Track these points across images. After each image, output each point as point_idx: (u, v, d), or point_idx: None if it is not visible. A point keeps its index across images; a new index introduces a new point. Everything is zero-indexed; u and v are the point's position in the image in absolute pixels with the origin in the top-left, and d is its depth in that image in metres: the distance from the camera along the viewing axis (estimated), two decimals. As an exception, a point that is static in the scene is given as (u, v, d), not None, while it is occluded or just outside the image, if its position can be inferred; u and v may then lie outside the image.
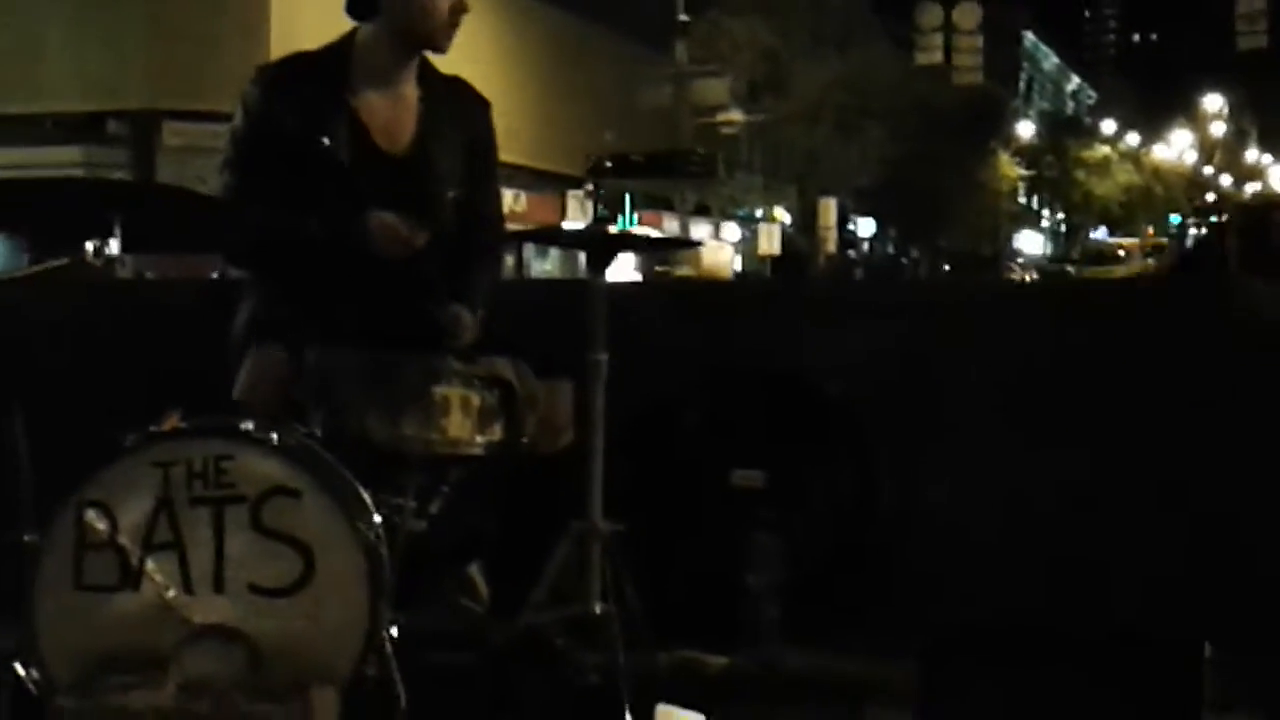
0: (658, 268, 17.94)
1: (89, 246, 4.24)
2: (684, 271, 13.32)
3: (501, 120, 5.06)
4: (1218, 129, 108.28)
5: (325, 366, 4.33)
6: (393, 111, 4.74)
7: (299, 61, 4.86)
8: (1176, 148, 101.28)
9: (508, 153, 5.27)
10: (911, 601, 5.08)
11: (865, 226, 59.40)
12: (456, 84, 4.89)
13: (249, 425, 4.15)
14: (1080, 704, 3.70)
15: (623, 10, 37.88)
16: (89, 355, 5.09)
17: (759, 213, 47.43)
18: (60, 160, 27.12)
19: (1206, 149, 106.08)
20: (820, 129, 45.99)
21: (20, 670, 4.08)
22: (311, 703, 3.82)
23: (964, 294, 7.34)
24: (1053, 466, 5.31)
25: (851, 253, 55.59)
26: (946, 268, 55.13)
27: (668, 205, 37.78)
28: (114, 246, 4.23)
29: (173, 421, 4.16)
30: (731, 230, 44.41)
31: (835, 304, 6.61)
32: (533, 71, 35.56)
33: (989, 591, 5.12)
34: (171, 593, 4.00)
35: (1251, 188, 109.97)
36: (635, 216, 35.62)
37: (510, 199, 31.23)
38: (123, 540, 4.02)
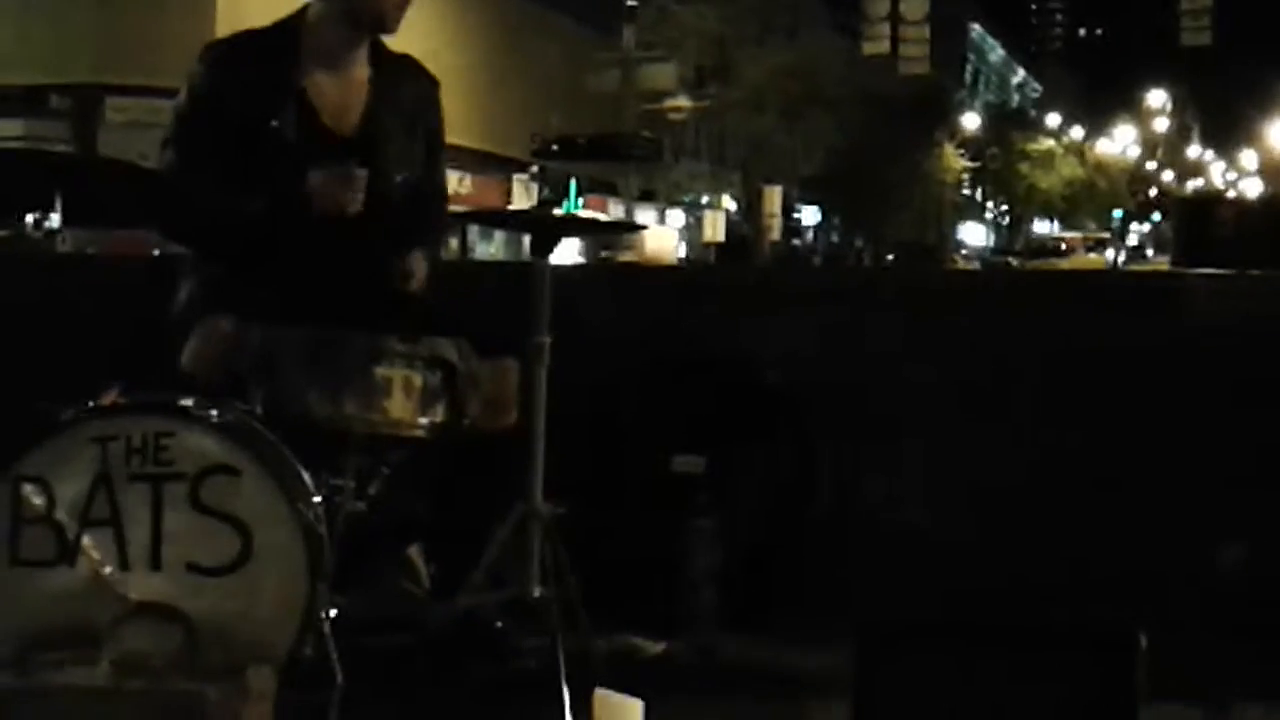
0: (603, 253, 17.88)
1: (27, 220, 4.21)
2: (628, 257, 13.28)
3: (448, 102, 5.05)
4: (1161, 125, 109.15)
5: (268, 342, 4.32)
6: (342, 92, 4.73)
7: (246, 39, 4.84)
8: (1120, 142, 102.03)
9: (453, 135, 5.26)
10: (849, 589, 5.09)
11: (810, 215, 59.52)
12: (406, 62, 4.89)
13: (189, 402, 4.14)
14: (1016, 694, 3.71)
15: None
16: (28, 330, 5.06)
17: (704, 199, 47.49)
18: (1, 133, 27.04)
19: (1149, 144, 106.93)
20: (766, 117, 46.03)
21: (-46, 646, 4.09)
22: (248, 682, 3.80)
23: (903, 284, 7.34)
24: (994, 457, 5.34)
25: (796, 241, 55.63)
26: (890, 257, 55.23)
27: (613, 190, 37.77)
28: (55, 220, 4.20)
29: (112, 397, 4.14)
30: (677, 217, 44.47)
31: (778, 291, 6.62)
32: (479, 53, 35.51)
33: (928, 581, 5.14)
34: (108, 569, 3.98)
35: (1194, 183, 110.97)
36: (580, 201, 35.62)
37: (455, 181, 31.15)
38: (59, 516, 4.01)
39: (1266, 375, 5.29)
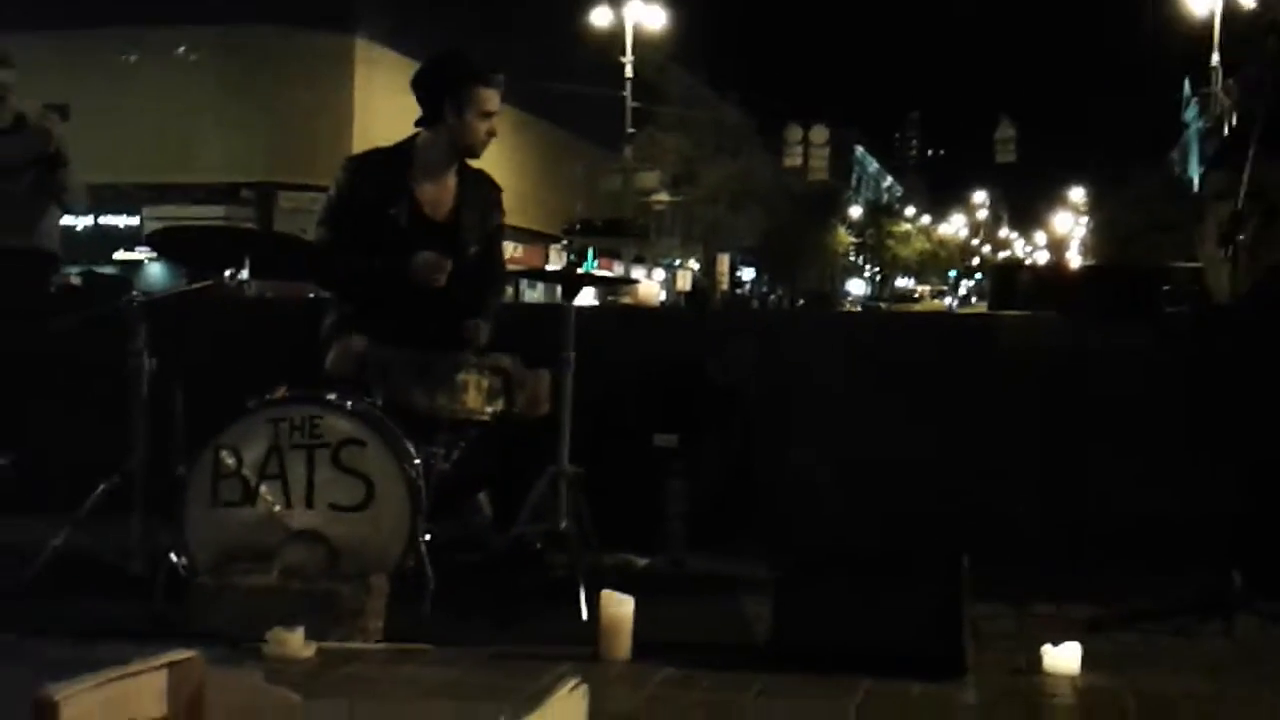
0: (609, 297, 17.94)
1: (226, 274, 4.24)
2: (626, 300, 13.35)
3: (507, 197, 5.07)
4: (982, 214, 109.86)
5: (385, 358, 4.37)
6: (438, 193, 4.76)
7: (375, 154, 4.85)
8: (954, 225, 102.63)
9: (511, 218, 5.28)
10: (774, 527, 5.07)
11: (748, 273, 59.54)
12: (480, 175, 4.90)
13: (332, 395, 4.18)
14: (885, 597, 3.70)
15: (590, 125, 38.00)
16: (228, 346, 5.07)
17: (677, 262, 47.55)
18: (207, 215, 27.08)
19: (974, 227, 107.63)
20: (719, 207, 46.13)
21: (174, 558, 4.08)
22: (370, 584, 3.82)
23: (815, 319, 7.37)
24: (873, 436, 5.33)
25: (739, 290, 55.65)
26: (801, 301, 55.26)
27: (617, 255, 37.81)
28: (244, 274, 4.22)
29: (281, 392, 4.15)
30: (659, 273, 44.45)
31: (726, 323, 6.62)
32: (529, 163, 35.50)
33: (830, 520, 5.14)
34: (277, 508, 4.03)
35: (1003, 254, 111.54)
36: (595, 262, 35.60)
37: (511, 248, 31.20)
38: (245, 472, 4.05)
39: (1050, 379, 5.27)
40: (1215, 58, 28.40)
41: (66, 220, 6.48)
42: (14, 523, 4.78)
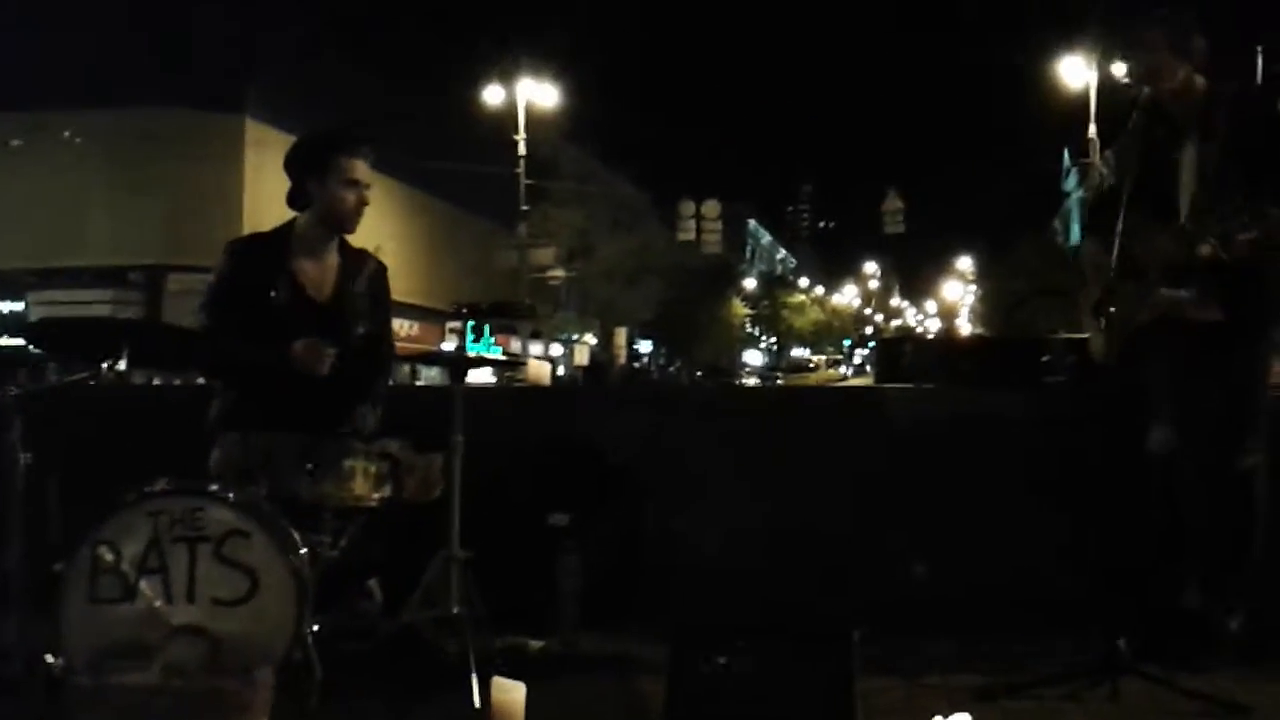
0: (507, 374, 17.91)
1: (104, 365, 4.16)
2: (520, 377, 13.30)
3: (400, 274, 5.06)
4: (873, 284, 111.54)
5: (268, 445, 4.30)
6: (320, 273, 4.69)
7: (256, 239, 4.81)
8: (847, 296, 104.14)
9: (405, 295, 5.28)
10: (669, 600, 5.06)
11: (645, 345, 59.78)
12: (363, 254, 4.85)
13: (214, 487, 4.09)
14: (776, 670, 3.71)
15: (483, 200, 38.07)
16: (105, 439, 4.95)
17: (575, 336, 47.62)
18: (94, 299, 26.75)
19: (866, 297, 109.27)
20: (615, 282, 46.33)
21: (50, 659, 3.95)
22: (255, 679, 3.72)
23: (703, 394, 7.39)
24: (759, 510, 5.35)
25: (636, 364, 55.84)
26: (699, 374, 55.57)
27: (513, 330, 37.84)
28: (122, 365, 4.14)
29: (162, 484, 4.07)
30: (556, 348, 44.49)
31: (620, 399, 6.64)
32: (422, 240, 35.66)
33: (721, 593, 5.12)
34: (158, 603, 3.91)
35: (895, 322, 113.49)
36: (493, 339, 35.60)
37: (406, 327, 31.13)
38: (124, 567, 3.93)
39: (933, 448, 5.33)
40: (1092, 129, 29.22)
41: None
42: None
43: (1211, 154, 4.49)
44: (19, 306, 28.34)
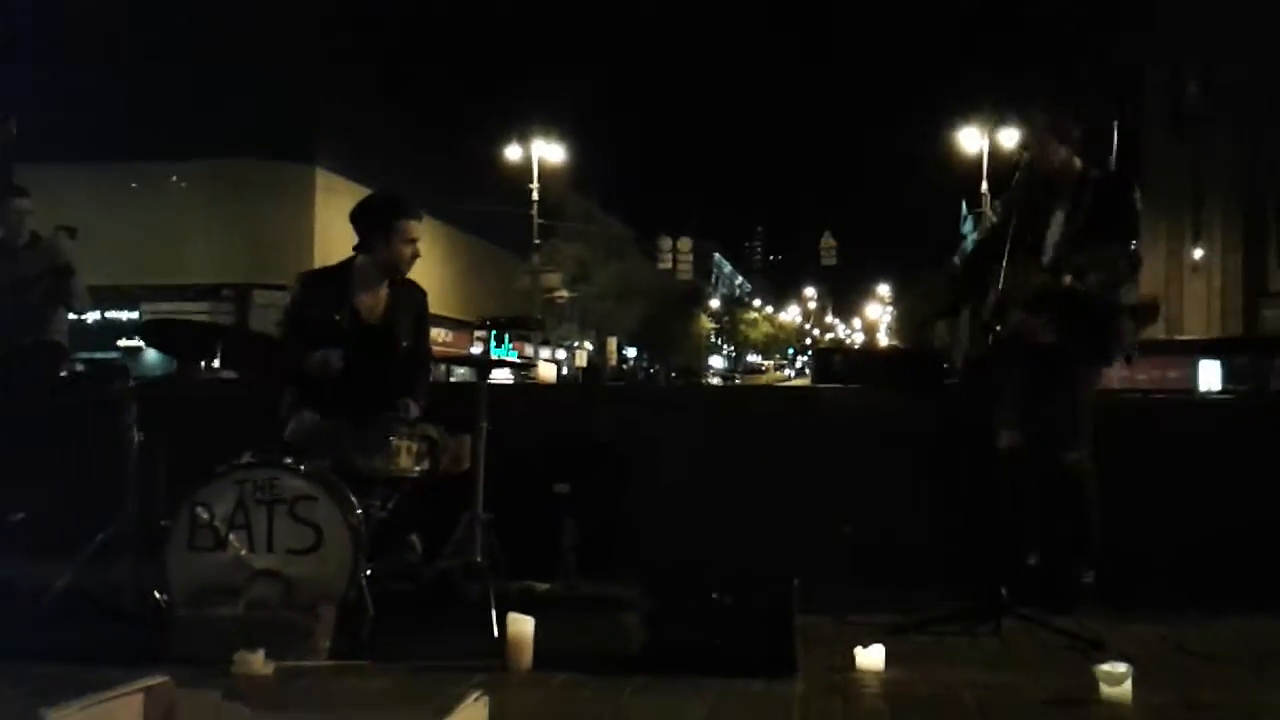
0: (522, 374, 17.86)
1: (202, 363, 4.15)
2: (531, 376, 13.28)
3: (437, 293, 5.03)
4: (812, 305, 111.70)
5: (332, 428, 4.28)
6: (374, 302, 4.68)
7: (323, 273, 4.79)
8: (791, 314, 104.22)
9: (441, 309, 5.26)
10: (644, 551, 5.02)
11: (632, 351, 59.61)
12: (409, 283, 4.81)
13: (288, 460, 4.07)
14: (730, 610, 3.70)
15: (504, 235, 38.06)
16: (204, 422, 4.90)
17: (576, 344, 47.50)
18: (194, 309, 26.65)
19: (806, 315, 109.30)
20: (608, 301, 46.32)
21: (157, 595, 3.97)
22: (320, 613, 3.73)
23: (675, 391, 7.41)
24: (719, 481, 5.32)
25: (624, 366, 55.62)
26: (674, 374, 55.49)
27: (527, 339, 37.72)
28: (216, 363, 4.13)
29: (246, 458, 4.06)
30: (562, 353, 44.34)
31: (611, 393, 6.63)
32: (455, 266, 35.54)
33: (685, 545, 5.08)
34: (243, 552, 3.91)
35: (829, 335, 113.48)
36: (511, 344, 35.47)
37: (442, 335, 31.01)
38: (216, 523, 3.94)
39: (857, 436, 5.31)
40: (984, 185, 29.29)
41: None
42: (25, 565, 4.61)
43: (1077, 220, 4.56)
44: (135, 315, 28.21)
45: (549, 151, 34.15)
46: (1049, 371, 4.54)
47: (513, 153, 34.07)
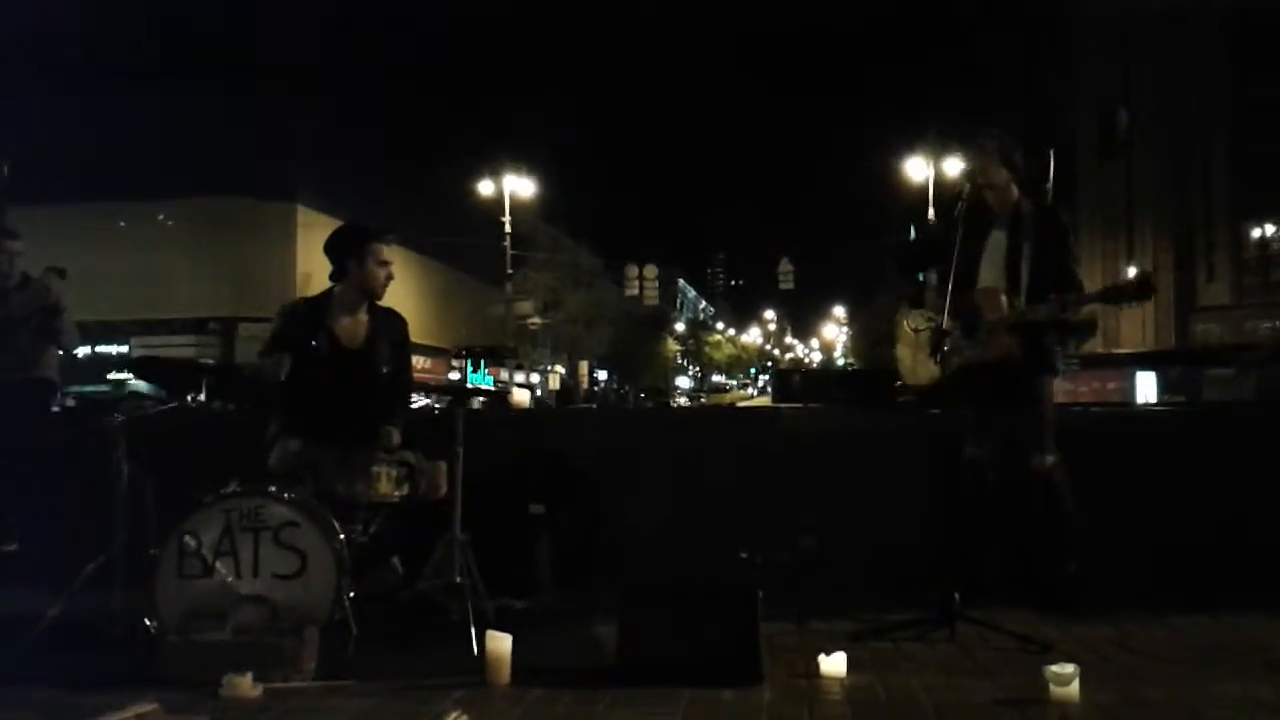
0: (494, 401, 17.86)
1: (189, 397, 4.11)
2: (506, 403, 13.21)
3: (414, 321, 4.99)
4: (772, 326, 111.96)
5: (314, 456, 4.23)
6: (354, 328, 4.62)
7: (302, 303, 4.73)
8: (753, 335, 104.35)
9: (419, 337, 5.20)
10: (617, 568, 4.99)
11: (602, 374, 59.53)
12: (388, 311, 4.77)
13: (273, 488, 4.03)
14: (700, 620, 3.69)
15: (479, 265, 37.89)
16: (192, 452, 4.84)
17: (549, 368, 47.39)
18: (180, 344, 26.48)
19: (767, 336, 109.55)
20: (578, 326, 46.29)
21: (147, 621, 3.90)
22: (305, 635, 3.68)
23: (643, 413, 7.38)
24: (687, 498, 5.31)
25: (596, 388, 55.51)
26: (642, 395, 55.44)
27: (503, 364, 37.59)
28: (203, 396, 4.10)
29: (232, 487, 4.01)
30: (535, 376, 44.19)
31: (582, 417, 6.61)
32: (432, 295, 35.49)
33: (655, 560, 5.06)
34: (229, 578, 3.86)
35: (789, 355, 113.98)
36: (487, 370, 35.28)
37: (420, 361, 30.86)
38: (204, 551, 3.89)
39: (817, 450, 5.31)
40: (930, 211, 29.54)
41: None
42: (18, 595, 4.53)
43: (1015, 246, 4.65)
44: (124, 349, 27.94)
45: (520, 185, 34.16)
46: (1009, 387, 4.61)
47: (485, 187, 34.07)
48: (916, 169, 30.57)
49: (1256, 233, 30.78)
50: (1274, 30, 28.51)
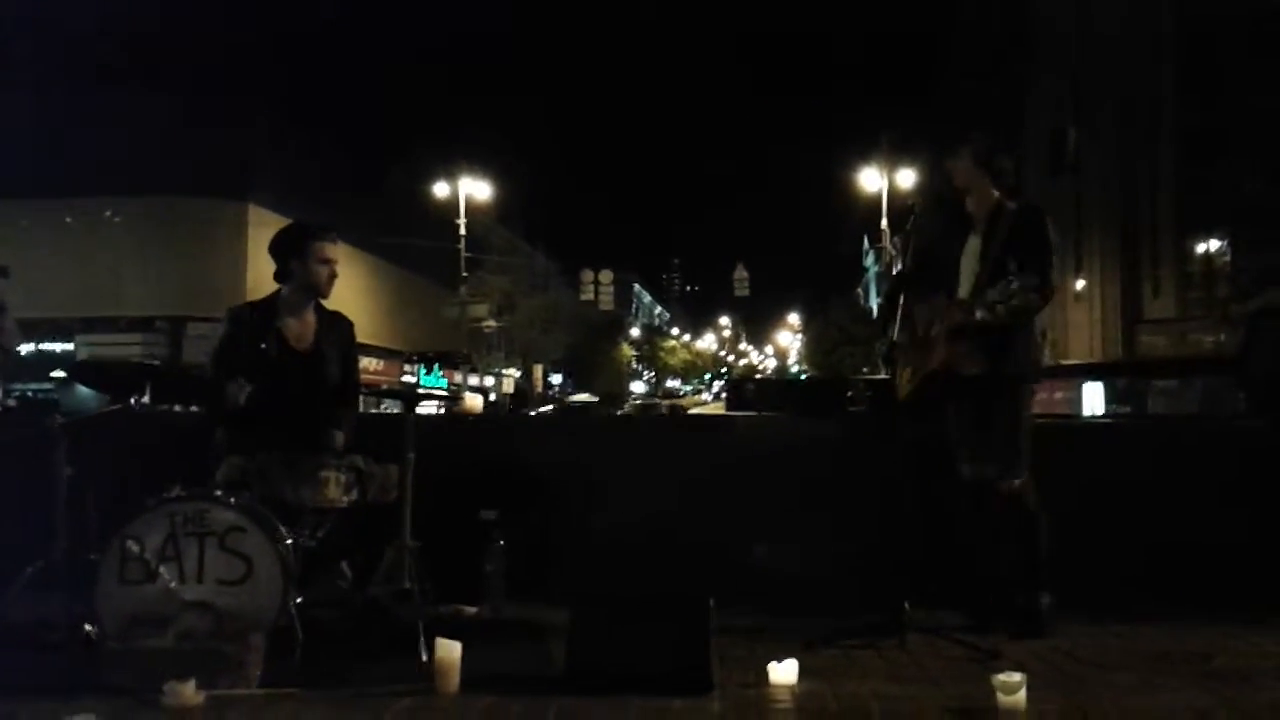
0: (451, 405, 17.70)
1: (132, 400, 4.02)
2: (458, 408, 13.08)
3: (368, 323, 4.95)
4: (727, 333, 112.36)
5: (262, 461, 4.16)
6: (301, 329, 4.58)
7: (249, 306, 4.64)
8: (707, 341, 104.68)
9: (372, 339, 5.22)
10: (569, 575, 4.95)
11: (557, 378, 59.36)
12: (335, 314, 4.72)
13: (218, 492, 3.96)
14: (651, 630, 3.67)
15: (433, 267, 37.62)
16: (135, 456, 4.74)
17: (503, 371, 47.21)
18: (127, 341, 26.09)
19: (721, 342, 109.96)
20: (533, 330, 46.18)
21: (88, 627, 3.83)
22: (250, 642, 3.61)
23: (600, 420, 7.34)
24: (640, 507, 5.26)
25: (551, 392, 55.35)
26: (597, 399, 55.40)
27: (456, 366, 37.34)
28: (146, 399, 4.01)
29: (177, 491, 3.94)
30: (489, 380, 44.00)
31: (535, 424, 6.56)
32: (386, 297, 35.22)
33: (607, 568, 5.02)
34: (173, 584, 3.78)
35: (743, 361, 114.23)
36: (440, 372, 35.03)
37: (373, 364, 30.61)
38: (147, 556, 3.81)
39: (769, 459, 5.30)
40: (884, 222, 29.78)
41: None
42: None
43: (992, 249, 4.49)
44: (70, 346, 27.45)
45: (475, 188, 34.00)
46: (980, 401, 4.48)
47: (440, 189, 33.87)
48: (870, 180, 30.84)
49: (1201, 248, 31.34)
50: (1216, 53, 29.09)
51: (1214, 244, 30.85)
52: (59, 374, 23.52)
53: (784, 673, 3.71)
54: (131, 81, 27.00)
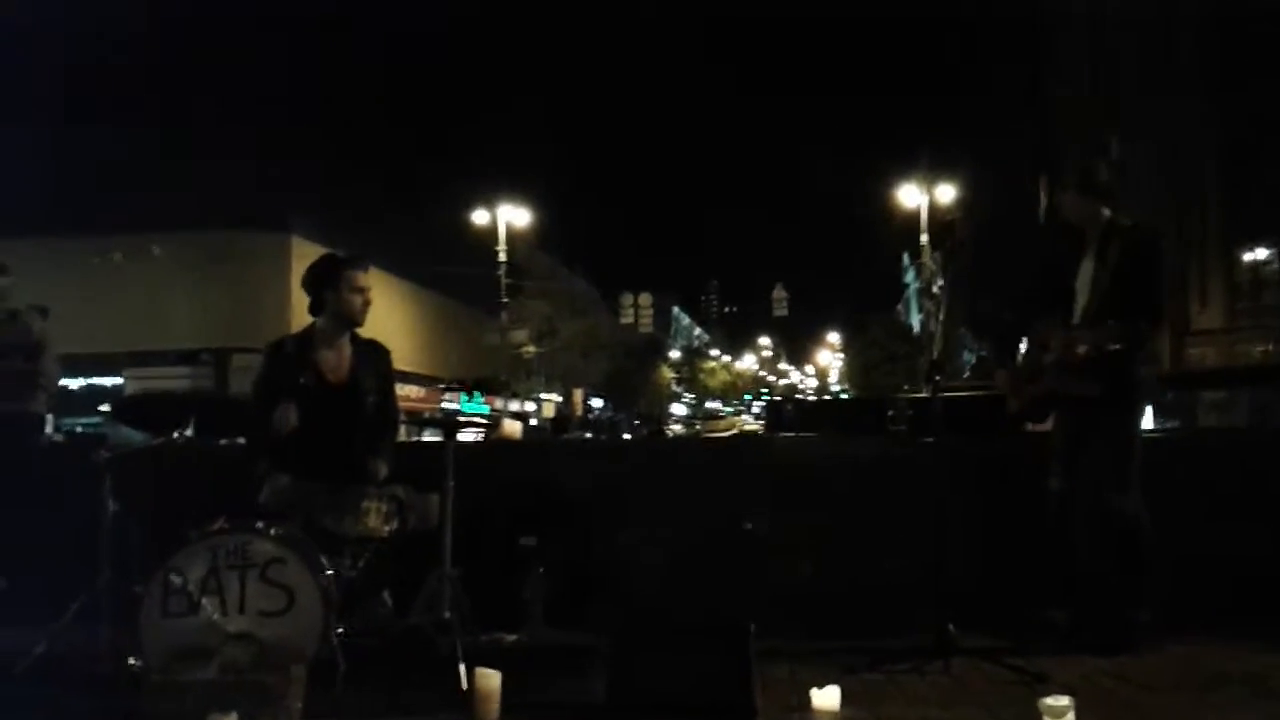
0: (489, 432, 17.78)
1: (175, 434, 4.07)
2: (498, 434, 13.10)
3: (408, 350, 4.98)
4: (766, 353, 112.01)
5: (303, 491, 4.19)
6: (337, 360, 4.60)
7: (287, 339, 4.65)
8: (747, 362, 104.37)
9: (412, 366, 5.21)
10: (610, 603, 4.93)
11: (598, 402, 59.41)
12: (372, 343, 4.76)
13: (260, 524, 3.98)
14: (692, 657, 3.65)
15: (473, 295, 37.81)
16: (180, 488, 4.78)
17: (544, 395, 47.32)
18: (174, 375, 26.44)
19: (761, 363, 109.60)
20: (573, 355, 46.25)
21: (132, 661, 3.86)
22: (291, 673, 3.61)
23: (636, 444, 7.33)
24: (682, 532, 5.22)
25: (591, 416, 55.39)
26: (637, 422, 55.35)
27: (497, 393, 37.46)
28: (189, 431, 4.06)
29: (219, 524, 3.96)
30: (530, 405, 44.10)
31: (575, 448, 6.57)
32: (427, 324, 35.48)
33: (649, 597, 4.99)
34: (215, 616, 3.80)
35: (784, 381, 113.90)
36: (481, 398, 35.19)
37: (413, 391, 30.80)
38: (190, 588, 3.83)
39: (811, 480, 5.26)
40: (924, 237, 29.61)
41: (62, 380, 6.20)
42: (5, 633, 4.48)
43: (1102, 280, 4.48)
44: (119, 380, 27.88)
45: (514, 215, 34.21)
46: (1088, 420, 4.48)
47: (480, 216, 34.11)
48: (909, 196, 30.69)
49: (1249, 256, 30.86)
50: (1262, 59, 28.71)
51: (1261, 253, 30.36)
52: (105, 408, 23.92)
53: (826, 698, 3.66)
54: (177, 115, 27.50)
